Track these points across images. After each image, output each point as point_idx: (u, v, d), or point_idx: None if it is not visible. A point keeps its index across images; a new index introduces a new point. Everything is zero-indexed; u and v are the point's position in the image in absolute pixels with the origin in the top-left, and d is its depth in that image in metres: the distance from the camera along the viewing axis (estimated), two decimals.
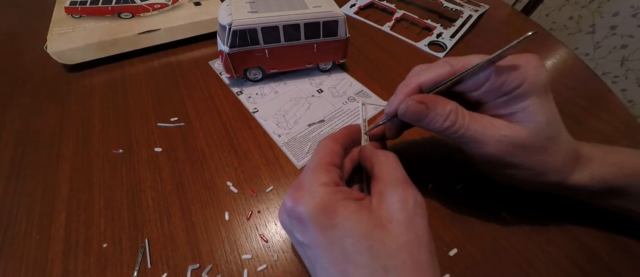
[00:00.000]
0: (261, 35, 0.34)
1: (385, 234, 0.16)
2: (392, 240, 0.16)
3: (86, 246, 0.25)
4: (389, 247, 0.16)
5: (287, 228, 0.19)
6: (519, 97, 0.19)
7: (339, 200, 0.17)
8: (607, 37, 1.07)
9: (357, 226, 0.16)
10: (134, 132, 0.33)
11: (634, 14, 0.98)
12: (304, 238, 0.18)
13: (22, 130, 0.33)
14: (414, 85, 0.22)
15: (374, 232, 0.16)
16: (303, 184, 0.18)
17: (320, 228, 0.16)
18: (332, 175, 0.18)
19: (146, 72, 0.40)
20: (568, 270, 0.24)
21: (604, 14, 1.04)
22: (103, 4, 0.43)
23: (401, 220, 0.16)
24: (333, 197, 0.17)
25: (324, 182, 0.18)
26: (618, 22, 1.02)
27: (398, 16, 0.51)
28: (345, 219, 0.16)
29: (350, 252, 0.16)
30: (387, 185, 0.18)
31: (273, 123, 0.34)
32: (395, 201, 0.17)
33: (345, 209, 0.17)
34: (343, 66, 0.42)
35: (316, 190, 0.17)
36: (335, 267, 0.16)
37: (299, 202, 0.17)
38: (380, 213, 0.17)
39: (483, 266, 0.24)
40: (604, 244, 0.25)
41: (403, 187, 0.18)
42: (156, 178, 0.29)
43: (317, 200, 0.17)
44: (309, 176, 0.18)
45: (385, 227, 0.16)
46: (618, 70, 1.09)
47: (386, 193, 0.17)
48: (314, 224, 0.17)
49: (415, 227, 0.16)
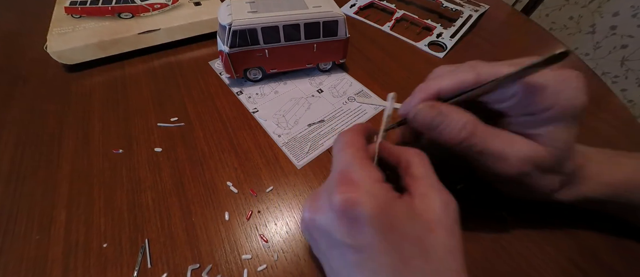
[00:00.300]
0: (261, 35, 0.34)
1: (434, 238, 0.16)
2: (441, 244, 0.16)
3: (86, 246, 0.25)
4: (439, 251, 0.15)
5: (321, 228, 0.17)
6: (546, 120, 0.18)
7: (394, 199, 0.16)
8: (607, 37, 1.07)
9: (412, 229, 0.16)
10: (134, 132, 0.33)
11: (634, 14, 0.98)
12: (353, 240, 0.16)
13: (22, 130, 0.33)
14: (433, 91, 0.20)
15: (426, 236, 0.16)
16: (355, 180, 0.16)
17: (379, 230, 0.15)
18: (378, 170, 0.17)
19: (146, 72, 0.40)
20: (568, 270, 0.24)
21: (604, 14, 1.04)
22: (103, 4, 0.43)
23: (447, 225, 0.16)
24: (389, 195, 0.16)
25: (376, 178, 0.16)
26: (618, 22, 1.02)
27: (398, 16, 0.51)
28: (402, 222, 0.16)
29: (407, 256, 0.15)
30: (428, 187, 0.17)
31: (273, 123, 0.34)
32: (439, 204, 0.17)
33: (401, 210, 0.16)
34: (343, 66, 0.42)
35: (373, 187, 0.16)
36: (391, 271, 0.15)
37: (356, 201, 0.15)
38: (428, 216, 0.16)
39: (483, 266, 0.24)
40: (604, 244, 0.25)
41: (444, 191, 0.17)
42: (156, 178, 0.29)
43: (377, 199, 0.16)
44: (358, 171, 0.17)
45: (433, 231, 0.16)
46: (618, 70, 1.09)
47: (430, 195, 0.17)
48: (374, 226, 0.15)
49: (456, 233, 0.16)
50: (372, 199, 0.16)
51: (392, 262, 0.15)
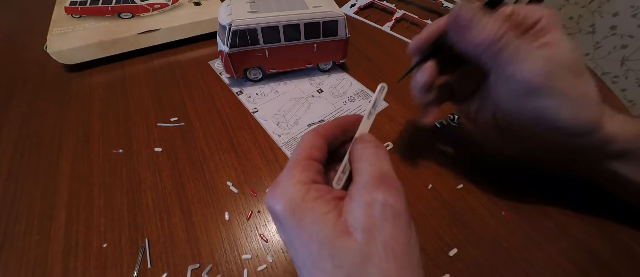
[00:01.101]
0: (261, 35, 0.34)
1: (348, 242, 0.14)
2: (357, 249, 0.14)
3: (86, 246, 0.25)
4: (353, 257, 0.14)
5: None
6: (542, 30, 0.20)
7: (310, 200, 0.16)
8: (607, 37, 1.07)
9: (321, 231, 0.15)
10: (134, 132, 0.33)
11: (634, 14, 0.98)
12: (281, 236, 0.18)
13: (22, 130, 0.33)
14: (441, 23, 0.23)
15: (336, 240, 0.15)
16: (279, 181, 0.17)
17: (290, 228, 0.16)
18: (309, 171, 0.17)
19: (146, 72, 0.40)
20: (568, 270, 0.24)
21: (604, 14, 1.04)
22: (103, 4, 0.43)
23: (366, 227, 0.14)
24: (304, 196, 0.16)
25: (297, 180, 0.17)
26: (618, 22, 1.02)
27: (398, 16, 0.51)
28: (311, 223, 0.15)
29: (316, 258, 0.15)
30: (358, 185, 0.16)
31: (273, 123, 0.34)
32: (359, 205, 0.15)
33: (312, 211, 0.15)
34: (343, 66, 0.42)
35: (288, 188, 0.16)
36: (305, 268, 0.16)
37: (274, 200, 0.17)
38: (346, 217, 0.15)
39: (483, 266, 0.24)
40: (604, 244, 0.25)
41: (370, 188, 0.16)
42: (156, 178, 0.29)
43: (287, 199, 0.16)
44: (285, 172, 0.17)
45: (350, 234, 0.15)
46: (618, 70, 1.09)
47: (354, 195, 0.16)
48: (285, 224, 0.16)
49: (383, 236, 0.14)
50: (282, 198, 0.16)
51: (304, 260, 0.16)
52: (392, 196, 0.15)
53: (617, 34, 1.04)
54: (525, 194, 0.28)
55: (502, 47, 0.19)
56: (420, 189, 0.29)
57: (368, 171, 0.17)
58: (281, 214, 0.16)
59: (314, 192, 0.16)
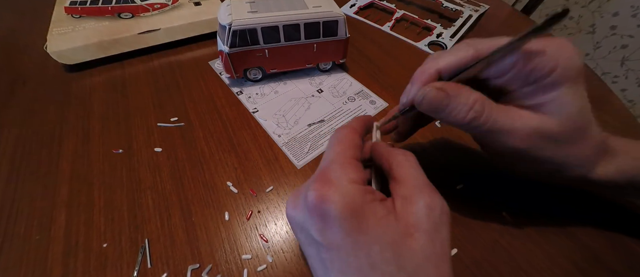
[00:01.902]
0: (261, 35, 0.34)
1: (412, 243, 0.15)
2: (419, 250, 0.15)
3: (86, 246, 0.25)
4: (416, 258, 0.15)
5: (298, 224, 0.18)
6: (549, 85, 0.18)
7: (369, 202, 0.16)
8: (607, 37, 1.07)
9: (385, 233, 0.15)
10: (134, 132, 0.33)
11: (634, 14, 0.98)
12: (324, 238, 0.16)
13: (22, 130, 0.33)
14: (433, 71, 0.20)
15: (402, 241, 0.15)
16: (331, 179, 0.16)
17: (348, 231, 0.15)
18: (359, 171, 0.17)
19: (146, 72, 0.40)
20: (568, 270, 0.24)
21: (604, 14, 1.04)
22: (103, 4, 0.43)
23: (428, 229, 0.15)
24: (363, 198, 0.16)
25: (353, 179, 0.16)
26: (618, 22, 1.02)
27: (398, 16, 0.51)
28: (374, 225, 0.15)
29: (376, 261, 0.15)
30: (412, 189, 0.17)
31: (273, 123, 0.34)
32: (422, 207, 0.16)
33: (374, 213, 0.16)
34: (343, 66, 0.42)
35: (347, 188, 0.16)
36: (358, 274, 0.15)
37: (327, 199, 0.15)
38: (407, 220, 0.16)
39: (483, 266, 0.24)
40: (604, 244, 0.25)
41: (429, 193, 0.16)
42: (156, 178, 0.29)
43: (348, 199, 0.15)
44: (337, 170, 0.17)
45: (412, 235, 0.15)
46: (618, 70, 1.09)
47: (412, 198, 0.16)
48: (342, 226, 0.15)
49: (441, 238, 0.15)
50: (342, 199, 0.15)
51: (360, 264, 0.15)
52: (445, 204, 0.16)
53: (617, 34, 1.04)
54: (525, 194, 0.28)
55: (482, 123, 0.19)
56: None
57: (416, 176, 0.17)
58: (339, 215, 0.15)
59: (370, 194, 0.16)
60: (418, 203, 0.16)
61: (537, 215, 0.27)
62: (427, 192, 0.16)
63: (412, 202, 0.16)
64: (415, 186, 0.17)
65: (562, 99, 0.18)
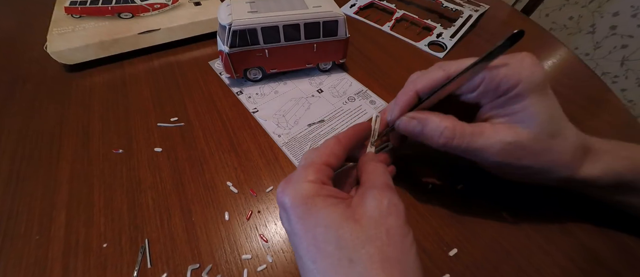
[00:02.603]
0: (261, 35, 0.34)
1: (354, 226, 0.16)
2: (361, 233, 0.16)
3: (86, 246, 0.25)
4: (357, 239, 0.16)
5: (281, 220, 0.20)
6: (516, 97, 0.20)
7: (322, 195, 0.18)
8: (607, 37, 1.07)
9: (329, 216, 0.17)
10: (134, 132, 0.33)
11: (634, 14, 0.98)
12: (287, 226, 0.19)
13: (22, 130, 0.33)
14: (412, 93, 0.23)
15: (344, 223, 0.16)
16: (291, 178, 0.19)
17: (298, 216, 0.17)
18: (321, 174, 0.19)
19: (146, 72, 0.40)
20: (568, 270, 0.24)
21: (604, 14, 1.04)
22: (103, 4, 0.43)
23: (373, 216, 0.17)
24: (316, 191, 0.18)
25: (310, 179, 0.18)
26: (618, 22, 1.02)
27: (398, 16, 0.51)
28: (320, 210, 0.17)
29: (320, 241, 0.16)
30: (367, 187, 0.19)
31: (273, 123, 0.34)
32: (371, 199, 0.18)
33: (323, 201, 0.17)
34: (343, 66, 0.42)
35: (300, 185, 0.18)
36: (307, 254, 0.17)
37: (284, 193, 0.18)
38: (356, 209, 0.18)
39: (483, 266, 0.24)
40: (604, 244, 0.25)
41: (380, 189, 0.18)
42: (156, 178, 0.29)
43: (299, 192, 0.18)
44: (299, 171, 0.19)
45: (357, 221, 0.17)
46: (618, 70, 1.09)
47: (366, 193, 0.18)
48: (294, 212, 0.17)
49: (387, 225, 0.17)
50: (294, 191, 0.18)
51: (309, 245, 0.17)
52: (397, 200, 0.18)
53: (617, 34, 1.04)
54: (525, 194, 0.28)
55: (456, 144, 0.21)
56: (420, 189, 0.29)
57: (379, 180, 0.19)
58: (291, 203, 0.18)
59: (325, 189, 0.18)
60: (368, 196, 0.18)
61: (537, 215, 0.27)
62: (379, 188, 0.18)
63: (365, 196, 0.18)
64: (370, 185, 0.19)
65: (531, 109, 0.19)
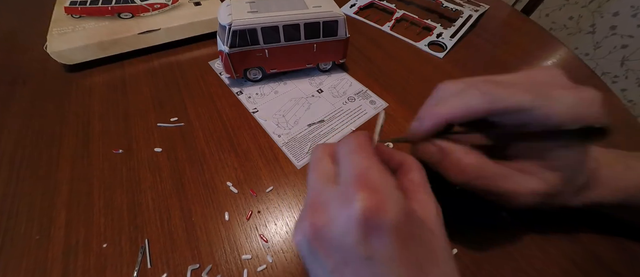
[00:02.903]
0: (261, 35, 0.34)
1: (438, 241, 0.16)
2: (443, 248, 0.16)
3: (86, 246, 0.25)
4: (443, 255, 0.16)
5: (332, 242, 0.15)
6: (564, 146, 0.18)
7: (410, 206, 0.16)
8: (607, 37, 1.07)
9: (423, 234, 0.16)
10: (134, 132, 0.33)
11: (634, 14, 0.98)
12: (370, 251, 0.14)
13: (22, 130, 0.33)
14: (442, 119, 0.19)
15: (433, 240, 0.16)
16: (378, 187, 0.14)
17: (401, 239, 0.14)
18: (393, 176, 0.16)
19: (146, 72, 0.40)
20: (568, 270, 0.24)
21: (604, 14, 1.04)
22: (103, 4, 0.43)
23: (441, 230, 0.17)
24: (407, 202, 0.15)
25: (396, 185, 0.15)
26: (618, 22, 1.02)
27: (398, 16, 0.51)
28: (417, 228, 0.15)
29: (423, 262, 0.15)
30: (427, 194, 0.18)
31: (273, 123, 0.34)
32: (435, 211, 0.17)
33: (417, 217, 0.16)
34: (343, 66, 0.42)
35: (396, 194, 0.15)
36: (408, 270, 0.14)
37: (381, 208, 0.14)
38: (429, 221, 0.17)
39: (483, 266, 0.24)
40: (604, 245, 0.25)
41: (434, 198, 0.18)
42: (156, 178, 0.29)
43: (401, 206, 0.14)
44: (380, 177, 0.15)
45: (436, 235, 0.17)
46: (618, 70, 1.09)
47: (428, 201, 0.18)
48: (396, 235, 0.14)
49: (446, 237, 0.17)
50: (395, 206, 0.14)
51: (408, 272, 0.14)
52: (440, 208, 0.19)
53: (617, 34, 1.04)
54: None
55: (479, 184, 0.19)
56: None
57: (426, 182, 0.19)
58: (392, 224, 0.14)
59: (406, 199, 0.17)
60: (432, 206, 0.17)
61: (537, 215, 0.27)
62: (434, 197, 0.18)
63: (429, 204, 0.17)
64: (427, 191, 0.18)
65: (572, 158, 0.18)
